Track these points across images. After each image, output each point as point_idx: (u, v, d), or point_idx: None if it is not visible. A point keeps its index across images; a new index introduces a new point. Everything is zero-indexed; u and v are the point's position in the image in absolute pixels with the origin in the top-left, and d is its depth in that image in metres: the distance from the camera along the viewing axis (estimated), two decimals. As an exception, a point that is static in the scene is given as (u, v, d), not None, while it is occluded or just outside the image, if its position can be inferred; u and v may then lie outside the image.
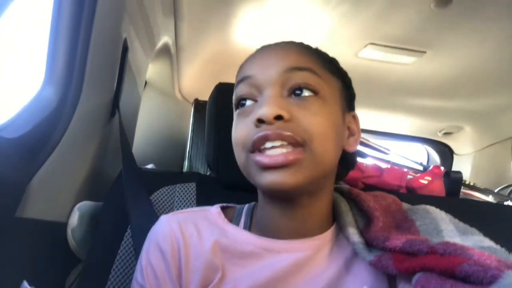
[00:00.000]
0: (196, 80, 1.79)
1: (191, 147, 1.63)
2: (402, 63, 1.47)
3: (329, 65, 0.56)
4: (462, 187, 1.24)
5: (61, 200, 0.75)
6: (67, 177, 0.76)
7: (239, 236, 0.55)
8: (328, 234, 0.55)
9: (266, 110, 0.48)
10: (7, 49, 0.76)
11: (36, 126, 0.69)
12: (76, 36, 0.76)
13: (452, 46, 1.33)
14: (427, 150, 2.40)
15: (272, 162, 0.47)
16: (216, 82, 0.84)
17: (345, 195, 0.62)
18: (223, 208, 0.61)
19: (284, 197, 0.52)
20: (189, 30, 1.40)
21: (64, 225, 0.74)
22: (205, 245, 0.54)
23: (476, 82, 1.57)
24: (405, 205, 0.64)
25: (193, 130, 1.67)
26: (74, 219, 0.73)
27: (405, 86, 1.68)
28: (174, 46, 1.48)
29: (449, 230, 0.53)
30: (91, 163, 0.83)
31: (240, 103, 0.54)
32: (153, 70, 1.59)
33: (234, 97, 0.56)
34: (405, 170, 1.05)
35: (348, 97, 0.58)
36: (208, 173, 1.31)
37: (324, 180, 0.54)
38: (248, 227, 0.58)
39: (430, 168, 1.10)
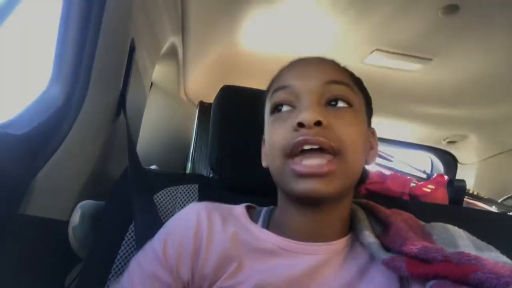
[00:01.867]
0: (201, 83, 1.79)
1: (194, 149, 1.63)
2: (408, 70, 1.47)
3: (357, 82, 0.61)
4: (466, 196, 1.23)
5: (63, 198, 0.75)
6: (70, 176, 0.77)
7: (259, 234, 0.57)
8: (344, 240, 0.57)
9: (307, 115, 0.51)
10: (15, 47, 0.76)
11: (41, 123, 0.70)
12: (84, 35, 0.77)
13: (458, 54, 1.33)
14: (431, 159, 2.39)
15: (307, 171, 0.50)
16: (222, 85, 0.84)
17: (363, 207, 0.64)
18: (246, 208, 0.63)
19: (313, 202, 0.54)
20: (196, 32, 1.41)
21: (66, 223, 0.74)
22: (226, 234, 0.56)
23: (482, 91, 1.56)
24: (422, 222, 0.64)
25: (197, 132, 1.67)
26: (75, 218, 0.74)
27: (410, 93, 1.68)
28: (181, 48, 1.49)
29: (466, 246, 0.53)
30: (95, 162, 0.83)
31: (277, 108, 0.57)
32: (159, 71, 1.60)
33: (270, 104, 0.59)
34: (409, 177, 1.05)
35: (369, 113, 0.63)
36: (211, 175, 1.31)
37: (350, 188, 0.57)
38: (266, 227, 0.59)
39: (434, 176, 1.09)
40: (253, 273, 0.52)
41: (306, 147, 0.51)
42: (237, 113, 0.80)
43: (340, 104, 0.55)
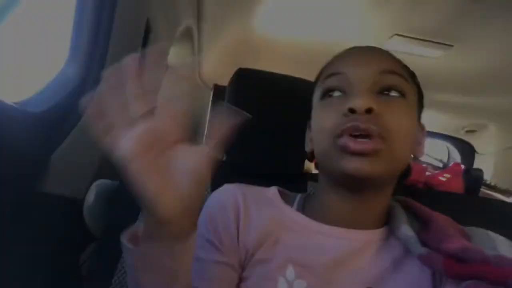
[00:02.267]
0: (216, 66, 1.78)
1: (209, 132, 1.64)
2: (428, 56, 1.43)
3: (411, 76, 0.60)
4: (482, 186, 1.21)
5: (79, 177, 0.77)
6: (86, 155, 0.78)
7: (294, 216, 0.58)
8: (379, 232, 0.57)
9: (360, 101, 0.51)
10: (32, 27, 0.76)
11: (58, 102, 0.70)
12: (100, 15, 0.77)
13: (480, 40, 1.29)
14: (447, 147, 2.35)
15: (355, 147, 0.50)
16: (236, 68, 0.83)
17: (401, 204, 0.63)
18: (278, 190, 0.64)
19: (357, 184, 0.54)
20: (212, 15, 1.39)
21: (81, 201, 0.75)
22: (262, 212, 0.58)
23: (504, 79, 1.51)
24: (461, 227, 0.63)
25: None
26: (91, 197, 0.75)
27: (430, 80, 1.63)
28: (196, 31, 1.48)
29: (507, 252, 0.51)
30: (110, 142, 0.84)
31: (328, 94, 0.57)
32: (173, 54, 1.59)
33: (320, 89, 0.58)
34: (425, 165, 1.03)
35: (419, 108, 0.61)
36: (224, 158, 1.32)
37: (392, 177, 0.57)
38: (301, 212, 0.60)
39: (450, 165, 1.07)
40: (287, 250, 0.54)
41: (355, 133, 0.51)
42: (252, 96, 0.80)
43: (393, 93, 0.54)
